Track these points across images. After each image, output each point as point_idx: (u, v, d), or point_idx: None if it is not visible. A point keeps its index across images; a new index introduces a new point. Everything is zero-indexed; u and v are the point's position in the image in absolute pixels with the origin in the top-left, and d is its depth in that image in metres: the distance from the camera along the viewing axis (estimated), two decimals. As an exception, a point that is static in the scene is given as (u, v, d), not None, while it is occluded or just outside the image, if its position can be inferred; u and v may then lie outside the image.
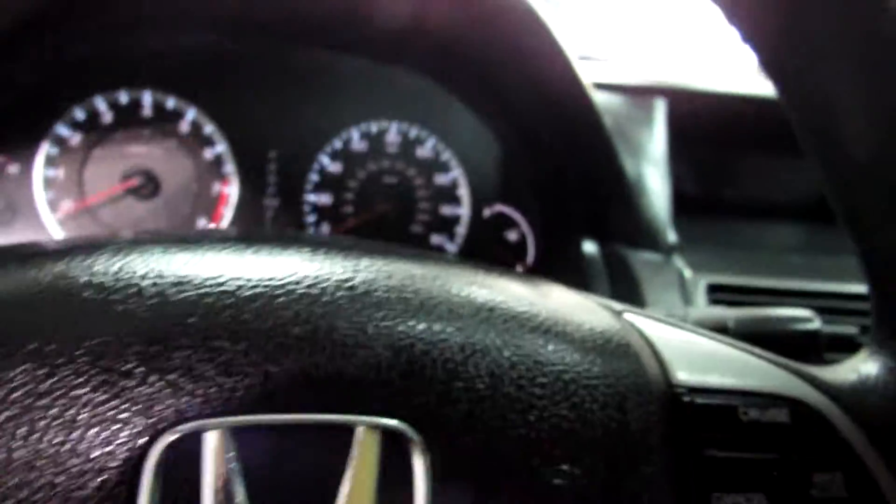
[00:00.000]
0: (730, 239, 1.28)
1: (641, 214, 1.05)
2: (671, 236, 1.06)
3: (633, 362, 0.38)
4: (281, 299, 0.32)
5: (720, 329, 0.57)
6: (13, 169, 1.05)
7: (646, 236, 1.05)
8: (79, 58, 1.05)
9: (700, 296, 0.97)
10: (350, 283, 0.33)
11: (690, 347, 0.41)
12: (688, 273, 1.00)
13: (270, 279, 0.32)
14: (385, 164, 1.18)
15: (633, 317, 0.43)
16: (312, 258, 0.35)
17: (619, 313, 0.43)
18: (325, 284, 0.33)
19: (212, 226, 1.12)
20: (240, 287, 0.30)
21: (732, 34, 0.41)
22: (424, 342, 0.33)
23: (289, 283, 0.32)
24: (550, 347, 0.36)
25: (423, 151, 1.20)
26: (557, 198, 1.14)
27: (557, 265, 1.16)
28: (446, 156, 1.20)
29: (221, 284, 0.32)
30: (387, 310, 0.33)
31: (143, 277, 0.31)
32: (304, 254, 0.35)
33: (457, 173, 1.21)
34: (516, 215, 1.22)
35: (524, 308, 0.37)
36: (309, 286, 0.32)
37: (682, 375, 0.38)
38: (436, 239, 1.20)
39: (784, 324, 0.57)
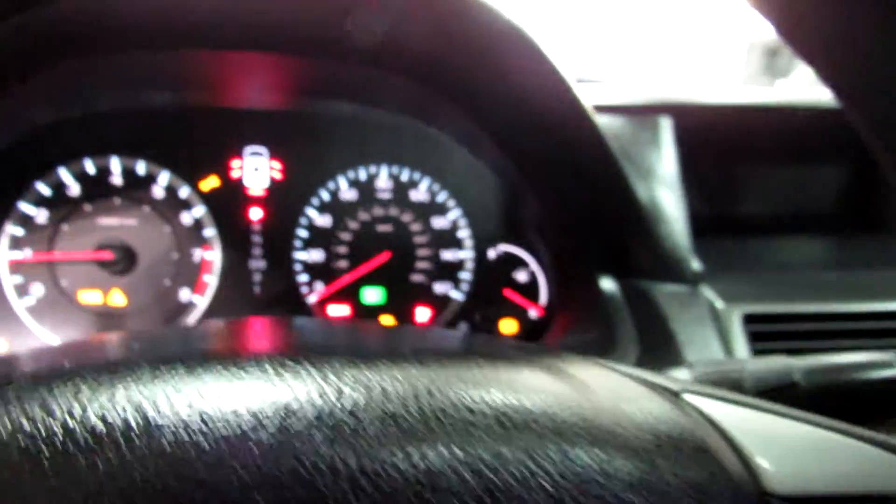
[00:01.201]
0: (754, 258, 1.19)
1: (660, 243, 0.96)
2: (695, 264, 0.97)
3: (712, 467, 0.29)
4: (233, 463, 0.23)
5: (787, 385, 0.48)
6: (-26, 254, 0.96)
7: (668, 267, 0.96)
8: (37, 127, 0.97)
9: (735, 328, 0.87)
10: (328, 416, 0.24)
11: (779, 436, 0.31)
12: (719, 304, 0.91)
13: (219, 424, 0.23)
14: (378, 211, 1.10)
15: (695, 399, 0.34)
16: (278, 382, 0.26)
17: (676, 395, 0.34)
18: (295, 424, 0.24)
19: (195, 297, 1.03)
20: (173, 442, 0.20)
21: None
22: (435, 485, 0.24)
23: (248, 430, 0.23)
24: (607, 465, 0.27)
25: (418, 194, 1.11)
26: (567, 233, 1.05)
27: (574, 305, 1.06)
28: (443, 197, 1.12)
29: (135, 449, 0.23)
30: (383, 443, 0.24)
31: (47, 441, 0.22)
32: (269, 376, 0.26)
33: (456, 214, 1.12)
34: (524, 254, 1.13)
35: (563, 412, 0.28)
36: (280, 430, 0.23)
37: (778, 480, 0.29)
38: (440, 287, 1.11)
39: (861, 371, 0.47)
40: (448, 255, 1.11)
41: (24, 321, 0.96)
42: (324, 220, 1.07)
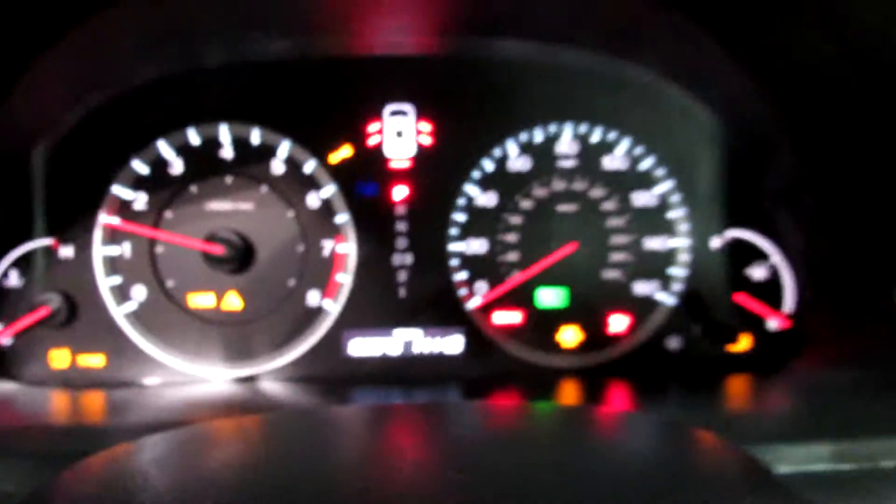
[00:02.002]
0: None
1: None
2: None
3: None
4: None
5: None
6: (66, 252, 0.78)
7: None
8: (131, 88, 0.77)
9: None
10: None
11: None
12: None
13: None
14: (559, 185, 0.81)
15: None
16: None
17: None
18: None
19: (326, 301, 0.81)
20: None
21: None
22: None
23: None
24: None
25: (614, 161, 0.82)
26: (843, 214, 0.72)
27: (844, 324, 0.74)
28: (649, 163, 0.81)
29: None
30: None
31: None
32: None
33: (667, 187, 0.82)
34: (764, 243, 0.81)
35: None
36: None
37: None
38: (642, 287, 0.82)
39: None
40: (654, 243, 0.81)
41: (124, 330, 0.78)
42: (488, 199, 0.80)
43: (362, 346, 0.80)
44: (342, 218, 0.79)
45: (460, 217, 0.80)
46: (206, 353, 0.79)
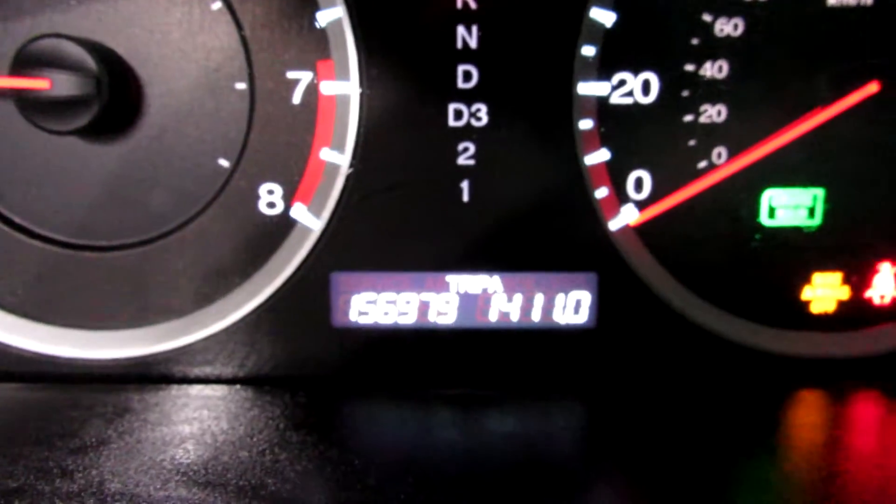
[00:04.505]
0: None
1: None
2: None
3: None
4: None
5: None
6: None
7: None
8: None
9: None
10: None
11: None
12: None
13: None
14: None
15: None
16: None
17: None
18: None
19: (298, 209, 0.39)
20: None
21: None
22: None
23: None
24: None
25: None
26: None
27: None
28: None
29: None
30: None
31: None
32: None
33: None
34: None
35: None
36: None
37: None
38: None
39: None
40: None
41: None
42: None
43: (372, 306, 0.38)
44: (330, 13, 0.34)
45: (604, 15, 0.36)
46: (49, 309, 0.45)
